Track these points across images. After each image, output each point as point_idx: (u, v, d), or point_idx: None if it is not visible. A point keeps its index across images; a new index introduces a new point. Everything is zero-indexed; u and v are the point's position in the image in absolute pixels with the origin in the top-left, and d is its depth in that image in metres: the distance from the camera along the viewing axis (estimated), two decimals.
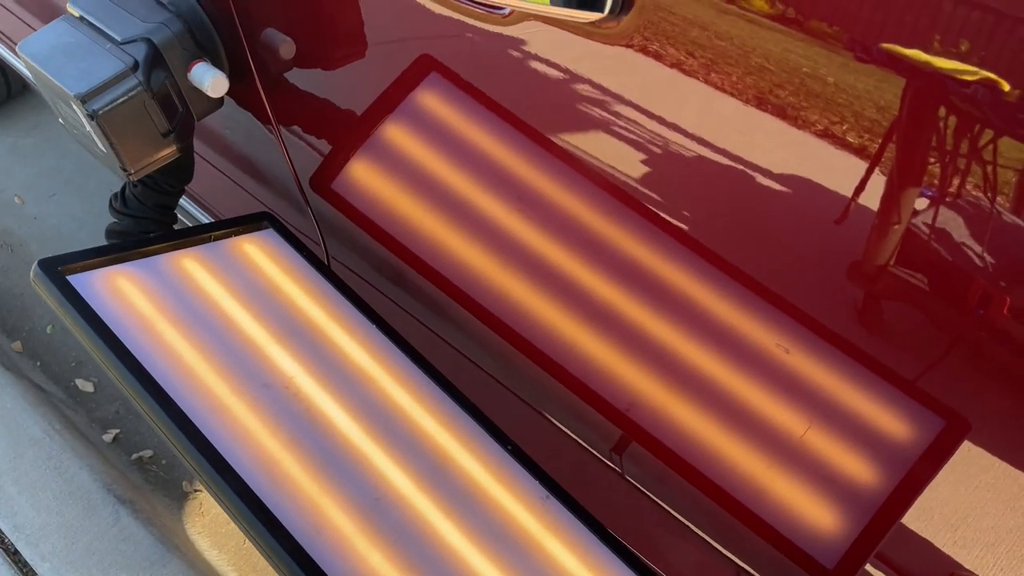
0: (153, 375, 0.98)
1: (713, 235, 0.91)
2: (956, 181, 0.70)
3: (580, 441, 1.12)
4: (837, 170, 0.75)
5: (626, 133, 0.90)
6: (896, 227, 0.74)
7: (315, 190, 1.28)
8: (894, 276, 0.77)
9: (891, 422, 0.85)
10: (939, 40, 0.66)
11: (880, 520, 0.85)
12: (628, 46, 0.82)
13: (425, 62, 1.10)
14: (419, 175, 1.15)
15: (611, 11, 0.79)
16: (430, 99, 1.13)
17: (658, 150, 0.89)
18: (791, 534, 0.92)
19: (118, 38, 1.03)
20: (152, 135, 1.05)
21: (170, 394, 0.97)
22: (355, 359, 1.12)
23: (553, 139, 1.00)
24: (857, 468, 0.87)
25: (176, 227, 1.36)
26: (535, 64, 0.95)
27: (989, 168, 0.67)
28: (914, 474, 0.83)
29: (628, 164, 0.92)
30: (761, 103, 0.77)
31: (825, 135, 0.74)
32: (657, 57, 0.81)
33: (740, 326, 0.92)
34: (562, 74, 0.92)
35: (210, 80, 1.05)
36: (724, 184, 0.86)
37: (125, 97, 1.01)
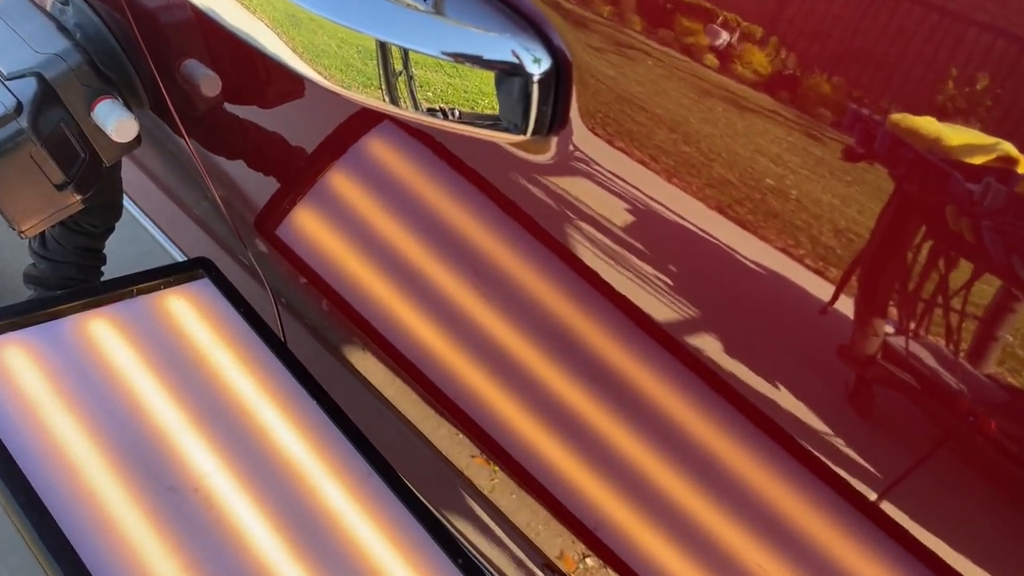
0: (29, 479, 0.83)
1: (701, 344, 0.76)
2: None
3: (530, 562, 0.96)
4: (810, 296, 0.60)
5: (603, 212, 0.73)
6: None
7: (260, 233, 1.12)
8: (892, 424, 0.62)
9: None
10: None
11: None
12: (569, 160, 0.64)
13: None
14: (364, 231, 0.98)
15: (535, 132, 0.61)
16: (381, 148, 0.96)
17: (643, 236, 0.73)
18: None
19: (4, 72, 0.87)
20: (43, 188, 0.88)
21: (46, 503, 0.82)
22: (284, 446, 0.96)
23: (514, 205, 0.84)
24: None
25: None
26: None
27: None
28: None
29: (606, 247, 0.75)
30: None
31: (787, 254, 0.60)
32: (607, 157, 0.63)
33: (722, 453, 0.77)
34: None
35: (114, 122, 0.88)
36: (708, 288, 0.71)
37: (5, 146, 0.84)
